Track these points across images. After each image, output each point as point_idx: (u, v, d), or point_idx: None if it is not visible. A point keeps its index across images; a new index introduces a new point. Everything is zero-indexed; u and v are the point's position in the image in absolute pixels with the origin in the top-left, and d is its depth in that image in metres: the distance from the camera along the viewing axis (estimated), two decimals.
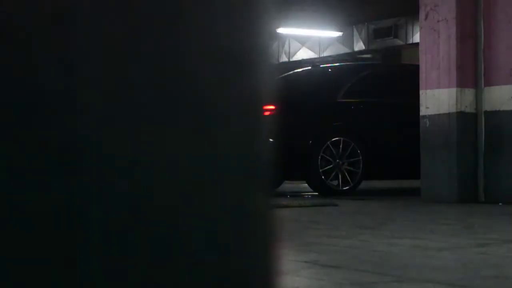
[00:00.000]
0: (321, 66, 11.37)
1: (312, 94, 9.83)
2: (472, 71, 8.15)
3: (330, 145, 9.37)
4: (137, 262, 0.73)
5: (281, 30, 20.98)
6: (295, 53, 22.85)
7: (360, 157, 9.46)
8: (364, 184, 9.85)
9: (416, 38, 15.63)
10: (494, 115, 7.99)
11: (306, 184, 10.04)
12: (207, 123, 0.76)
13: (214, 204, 0.77)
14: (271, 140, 0.83)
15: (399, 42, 19.75)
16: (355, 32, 20.93)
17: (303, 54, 22.58)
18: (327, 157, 9.35)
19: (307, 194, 9.69)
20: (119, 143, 0.72)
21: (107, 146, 0.72)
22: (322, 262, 3.75)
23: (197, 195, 0.76)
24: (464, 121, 8.12)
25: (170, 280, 0.74)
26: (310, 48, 22.45)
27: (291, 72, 11.44)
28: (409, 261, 3.78)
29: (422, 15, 8.52)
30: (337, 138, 9.43)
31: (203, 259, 0.76)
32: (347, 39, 21.18)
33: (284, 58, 23.12)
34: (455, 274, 3.43)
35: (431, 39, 8.38)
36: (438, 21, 8.31)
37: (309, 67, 11.19)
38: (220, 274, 0.77)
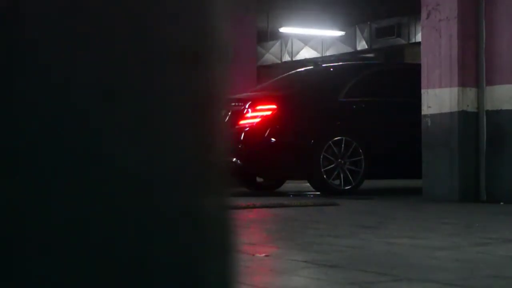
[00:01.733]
0: (323, 65, 11.36)
1: (314, 93, 9.82)
2: (473, 70, 8.15)
3: (332, 145, 9.37)
4: (82, 265, 0.72)
5: (284, 30, 20.98)
6: (297, 53, 22.84)
7: (362, 157, 9.45)
8: (366, 184, 9.84)
9: (419, 37, 15.62)
10: (495, 114, 7.98)
11: (308, 184, 10.04)
12: (156, 125, 0.76)
13: (164, 208, 0.76)
14: (226, 143, 0.82)
15: (401, 41, 19.74)
16: (358, 32, 20.92)
17: (306, 53, 22.57)
18: (329, 157, 9.34)
19: (309, 194, 9.68)
20: (66, 146, 0.72)
21: (52, 149, 0.72)
22: (321, 261, 3.75)
23: (147, 199, 0.75)
24: (466, 120, 8.11)
25: (119, 285, 0.73)
26: (312, 48, 22.45)
27: (293, 71, 11.43)
28: (409, 260, 3.77)
29: (423, 14, 8.51)
30: (339, 138, 9.42)
31: (153, 264, 0.76)
32: (349, 39, 21.17)
33: (287, 58, 23.12)
34: (453, 274, 3.42)
35: (432, 39, 8.37)
36: (439, 20, 8.30)
37: (311, 66, 11.19)
38: (172, 279, 0.77)
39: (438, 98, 8.27)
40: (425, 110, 8.44)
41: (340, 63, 13.00)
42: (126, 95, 0.74)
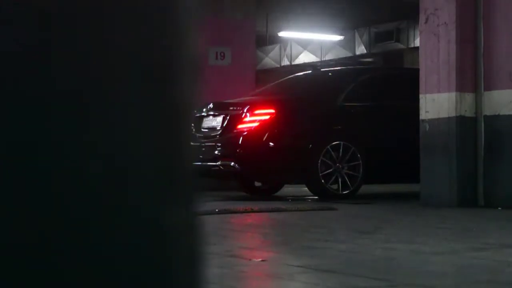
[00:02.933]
0: (322, 69, 11.37)
1: (312, 98, 9.82)
2: (472, 75, 8.15)
3: (330, 149, 9.36)
4: (45, 277, 0.72)
5: (283, 34, 20.99)
6: (297, 57, 22.85)
7: (360, 161, 9.44)
8: (364, 188, 9.84)
9: (418, 42, 15.63)
10: (494, 119, 7.98)
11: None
12: (122, 133, 0.75)
13: (129, 217, 0.76)
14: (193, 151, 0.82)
15: (400, 46, 19.75)
16: (357, 36, 20.93)
17: (305, 58, 22.58)
18: (327, 161, 9.33)
19: (308, 198, 9.68)
20: (36, 152, 0.72)
21: (13, 164, 0.71)
22: (317, 266, 3.74)
23: (112, 208, 0.75)
24: (464, 125, 8.11)
25: None
26: (312, 52, 22.46)
27: (292, 75, 11.44)
28: (405, 265, 3.77)
29: (422, 19, 8.51)
30: (337, 142, 9.42)
31: (117, 274, 0.75)
32: (348, 43, 21.19)
33: (286, 62, 23.13)
34: (450, 279, 3.42)
35: (431, 43, 8.38)
36: (438, 25, 8.30)
37: (310, 71, 11.19)
38: None
39: (436, 103, 8.28)
40: (423, 115, 8.44)
41: (339, 67, 13.01)
42: (90, 108, 0.74)
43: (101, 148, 0.74)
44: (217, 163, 9.38)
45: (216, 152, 9.46)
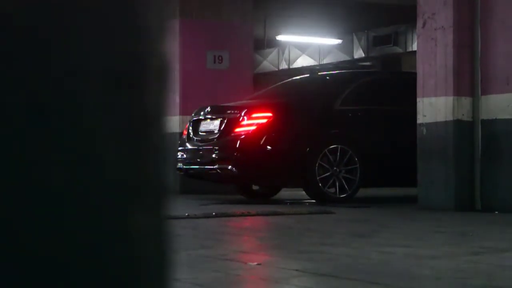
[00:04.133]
0: (319, 73, 11.37)
1: (310, 101, 9.82)
2: (469, 79, 8.15)
3: (328, 153, 9.36)
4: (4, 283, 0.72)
5: (281, 38, 21.00)
6: (295, 60, 22.86)
7: (358, 165, 9.44)
8: (362, 192, 9.84)
9: (416, 46, 15.65)
10: (491, 124, 7.99)
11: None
12: (89, 139, 0.75)
13: (96, 224, 0.76)
14: (165, 161, 0.82)
15: (398, 49, 19.76)
16: (355, 40, 20.94)
17: (303, 61, 22.59)
18: (325, 165, 9.33)
19: (306, 202, 9.68)
20: (1, 159, 0.72)
21: None
22: (313, 270, 3.75)
23: (78, 215, 0.75)
24: (461, 129, 8.11)
25: None
26: (310, 56, 22.47)
27: (289, 79, 11.44)
28: (401, 269, 3.77)
29: (419, 23, 8.52)
30: (334, 146, 9.42)
31: (83, 282, 0.75)
32: (347, 47, 21.20)
33: (284, 65, 23.13)
34: (445, 283, 3.43)
35: (428, 47, 8.39)
36: (435, 29, 8.31)
37: (307, 75, 11.19)
38: None
39: (434, 107, 8.28)
40: (420, 119, 8.45)
41: (337, 71, 13.01)
42: (56, 114, 0.74)
43: (67, 155, 0.74)
44: (215, 167, 9.39)
45: (213, 155, 9.46)
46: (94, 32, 0.75)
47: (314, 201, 9.49)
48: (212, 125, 9.75)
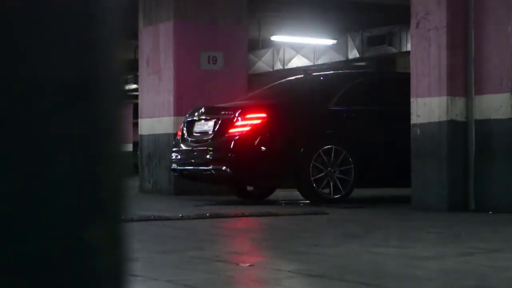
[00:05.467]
0: (313, 74, 11.36)
1: (304, 102, 9.82)
2: (462, 79, 8.16)
3: (322, 153, 9.36)
4: None
5: (276, 38, 21.00)
6: (289, 61, 22.86)
7: (352, 165, 9.44)
8: (356, 192, 9.84)
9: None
10: (484, 124, 7.99)
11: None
12: (44, 151, 0.75)
13: (51, 234, 0.75)
14: (123, 171, 0.81)
15: (393, 50, 19.77)
16: (350, 40, 20.95)
17: (298, 62, 22.59)
18: (319, 165, 9.33)
19: (301, 202, 9.68)
20: None
21: None
22: (305, 271, 3.74)
23: (33, 225, 0.74)
24: (455, 129, 8.12)
25: None
26: (304, 56, 22.47)
27: (283, 80, 11.44)
28: (393, 270, 3.77)
29: (413, 23, 8.53)
30: (328, 146, 9.42)
31: None
32: (341, 47, 21.21)
33: (279, 66, 23.13)
34: (437, 284, 3.43)
35: (422, 48, 8.39)
36: (429, 30, 8.32)
37: (301, 75, 11.19)
38: None
39: (427, 107, 8.29)
40: (414, 119, 8.45)
41: (330, 71, 13.01)
42: (12, 124, 0.74)
43: (21, 166, 0.73)
44: (209, 168, 9.38)
45: (207, 156, 9.46)
46: (48, 44, 0.75)
47: (308, 201, 9.49)
48: (206, 126, 9.75)
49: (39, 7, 0.74)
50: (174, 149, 10.18)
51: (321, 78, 10.95)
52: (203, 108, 9.99)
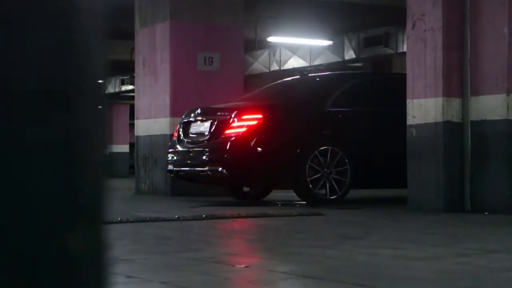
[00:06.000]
0: (310, 75, 11.37)
1: (300, 103, 9.82)
2: (458, 80, 8.17)
3: (318, 154, 9.36)
4: None
5: (272, 39, 21.00)
6: (286, 62, 22.86)
7: (348, 166, 9.45)
8: (352, 193, 9.84)
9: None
10: (480, 125, 8.00)
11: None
12: (24, 161, 0.75)
13: (34, 244, 0.75)
14: (102, 178, 0.81)
15: (389, 51, 19.77)
16: (346, 41, 20.95)
17: (294, 62, 22.59)
18: (315, 166, 9.33)
19: (297, 203, 9.68)
20: None
21: None
22: (301, 272, 3.74)
23: (15, 234, 0.74)
24: (451, 130, 8.12)
25: None
26: (301, 57, 22.47)
27: (280, 81, 11.44)
28: (388, 271, 3.77)
29: (409, 24, 8.53)
30: (325, 147, 9.42)
31: None
32: (337, 48, 21.21)
33: (275, 67, 23.13)
34: (432, 285, 3.43)
35: (418, 49, 8.40)
36: (425, 31, 8.32)
37: (298, 76, 11.19)
38: None
39: (423, 108, 8.29)
40: (410, 120, 8.46)
41: (327, 72, 13.01)
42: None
43: (2, 176, 0.73)
44: (205, 168, 9.38)
45: (204, 157, 9.46)
46: (30, 51, 0.74)
47: (304, 202, 9.49)
48: (203, 127, 9.74)
49: (19, 12, 0.74)
50: (170, 150, 10.18)
51: (317, 79, 10.96)
52: (199, 109, 9.98)
